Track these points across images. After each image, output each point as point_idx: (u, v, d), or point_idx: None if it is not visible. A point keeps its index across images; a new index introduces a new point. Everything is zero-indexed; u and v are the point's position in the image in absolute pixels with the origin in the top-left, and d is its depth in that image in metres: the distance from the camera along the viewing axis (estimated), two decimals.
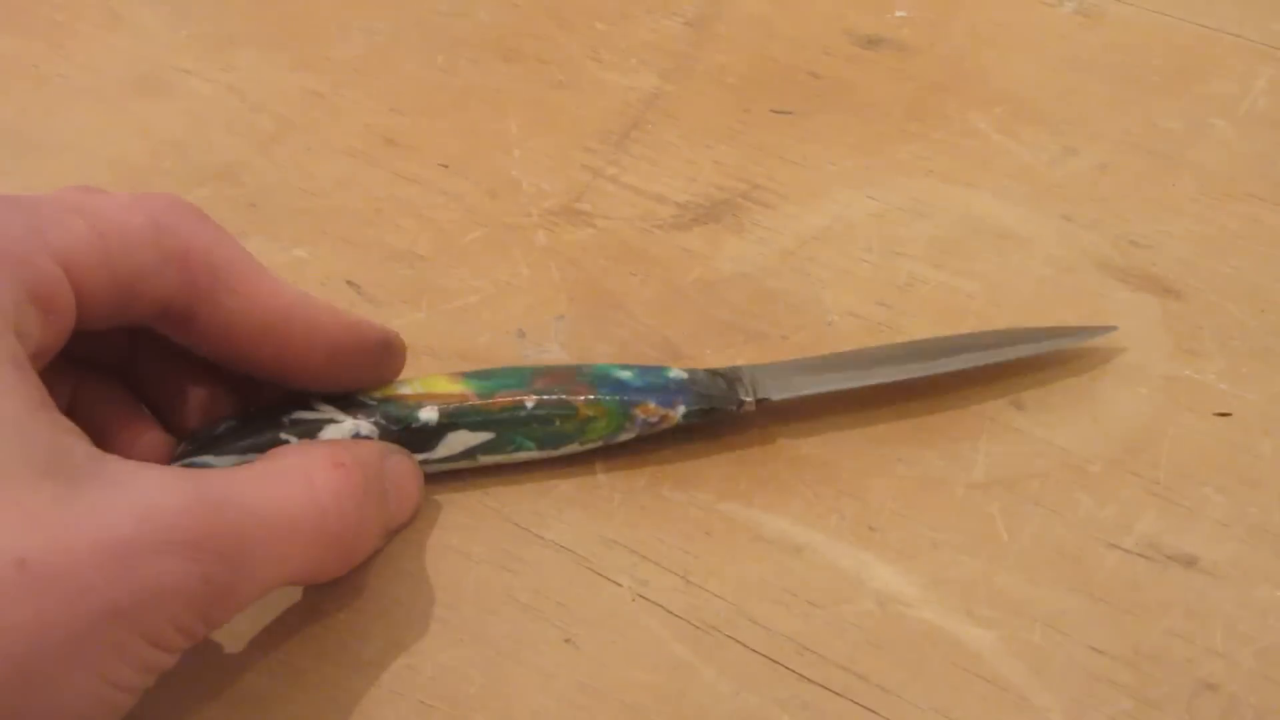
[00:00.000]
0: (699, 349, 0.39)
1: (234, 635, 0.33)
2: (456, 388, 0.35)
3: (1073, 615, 0.33)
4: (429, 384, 0.35)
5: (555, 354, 0.39)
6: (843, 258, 0.42)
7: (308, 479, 0.31)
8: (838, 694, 0.32)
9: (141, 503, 0.27)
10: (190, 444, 0.34)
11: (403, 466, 0.34)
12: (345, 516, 0.31)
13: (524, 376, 0.35)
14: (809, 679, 0.32)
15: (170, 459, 0.34)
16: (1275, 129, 0.45)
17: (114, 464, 0.27)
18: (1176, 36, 0.48)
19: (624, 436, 0.36)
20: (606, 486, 0.36)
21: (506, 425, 0.35)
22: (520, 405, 0.35)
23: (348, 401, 0.34)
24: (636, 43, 0.49)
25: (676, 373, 0.36)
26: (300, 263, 0.42)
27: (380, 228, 0.43)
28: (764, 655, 0.33)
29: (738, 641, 0.33)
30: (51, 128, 0.46)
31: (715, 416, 0.36)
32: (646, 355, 0.39)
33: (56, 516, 0.26)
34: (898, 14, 0.49)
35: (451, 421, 0.35)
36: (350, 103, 0.47)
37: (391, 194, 0.44)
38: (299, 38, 0.49)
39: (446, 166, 0.45)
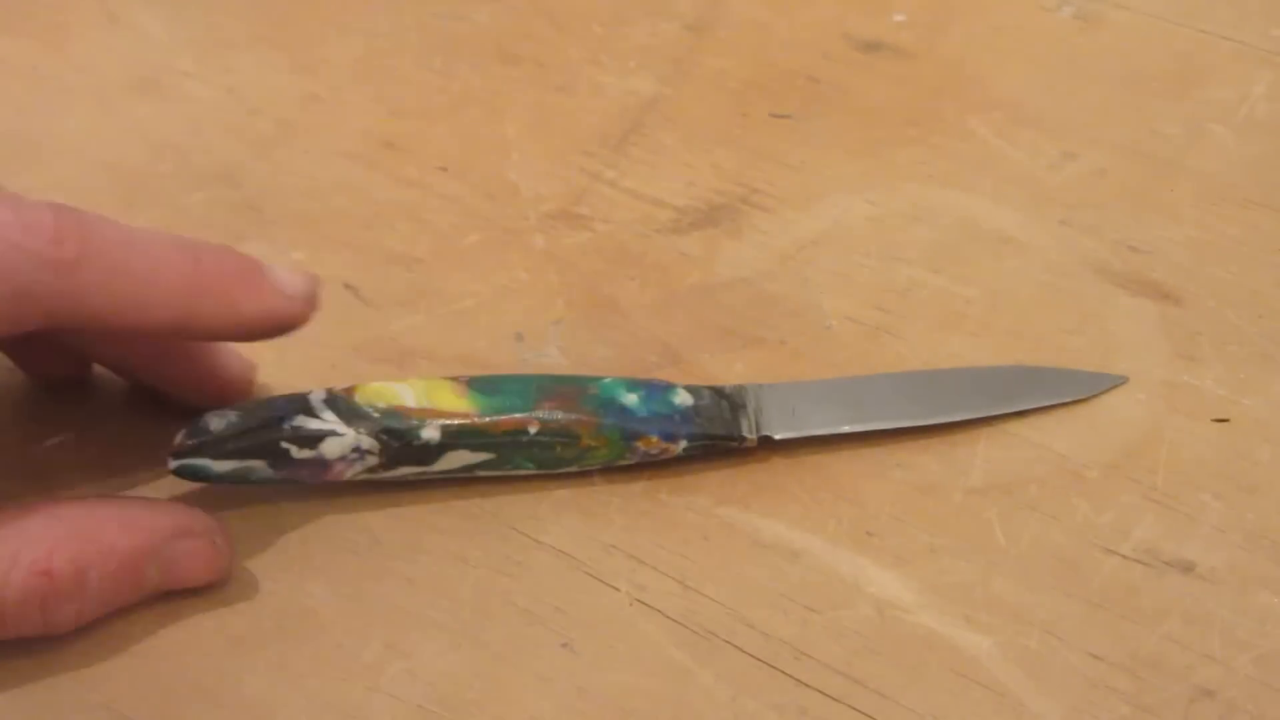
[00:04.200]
0: (697, 354, 0.39)
1: (231, 639, 0.33)
2: (460, 404, 0.35)
3: (1070, 621, 0.33)
4: (433, 395, 0.35)
5: (553, 358, 0.39)
6: (841, 262, 0.42)
7: None
8: (835, 699, 0.32)
9: None
10: (189, 435, 0.34)
11: (192, 552, 0.33)
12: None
13: (529, 393, 0.35)
14: (806, 684, 0.32)
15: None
16: (1274, 134, 0.45)
17: None
18: (1175, 41, 0.48)
19: (623, 463, 0.36)
20: (604, 491, 0.36)
21: (507, 448, 0.35)
22: (523, 430, 0.35)
23: (351, 412, 0.34)
24: (635, 46, 0.49)
25: (683, 396, 0.36)
26: (298, 266, 0.42)
27: (378, 231, 0.43)
28: (761, 660, 0.33)
29: (735, 646, 0.33)
30: (49, 130, 0.46)
31: (716, 448, 0.36)
32: (644, 360, 0.39)
33: None
34: (896, 18, 0.49)
35: (453, 441, 0.35)
36: (349, 106, 0.47)
37: (390, 197, 0.44)
38: (297, 40, 0.49)
39: (445, 170, 0.44)
